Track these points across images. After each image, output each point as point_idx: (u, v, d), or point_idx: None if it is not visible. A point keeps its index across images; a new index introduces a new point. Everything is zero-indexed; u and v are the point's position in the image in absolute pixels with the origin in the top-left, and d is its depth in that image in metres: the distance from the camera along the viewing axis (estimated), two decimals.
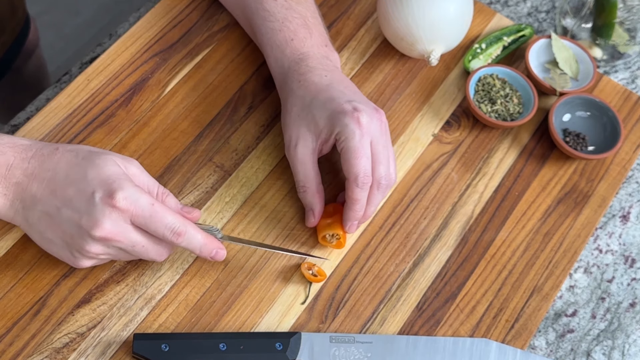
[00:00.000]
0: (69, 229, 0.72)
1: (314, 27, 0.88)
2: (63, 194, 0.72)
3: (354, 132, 0.78)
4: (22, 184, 0.74)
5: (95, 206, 0.71)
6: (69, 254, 0.74)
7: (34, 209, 0.74)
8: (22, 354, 0.75)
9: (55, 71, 1.67)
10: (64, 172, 0.73)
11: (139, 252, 0.74)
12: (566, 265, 0.86)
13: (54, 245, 0.75)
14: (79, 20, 2.05)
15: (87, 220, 0.71)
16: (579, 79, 0.96)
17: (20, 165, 0.74)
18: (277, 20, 0.87)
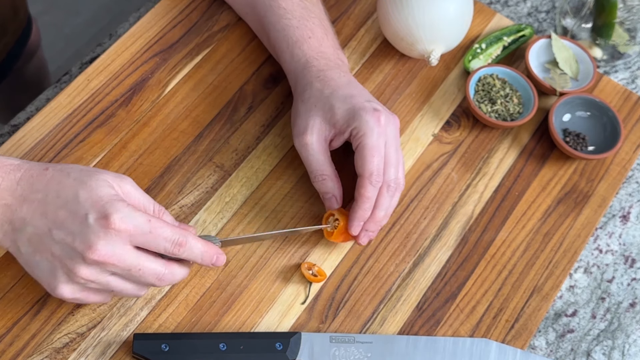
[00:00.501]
0: (59, 251, 0.69)
1: (328, 29, 0.89)
2: (54, 216, 0.70)
3: (373, 130, 0.79)
4: (11, 207, 0.71)
5: (90, 228, 0.68)
6: (52, 279, 0.71)
7: (24, 231, 0.71)
8: (22, 354, 0.75)
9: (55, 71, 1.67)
10: (54, 193, 0.71)
11: (134, 276, 0.71)
12: (566, 265, 0.86)
13: (39, 269, 0.71)
14: (79, 20, 2.05)
15: (80, 242, 0.68)
16: (579, 79, 0.96)
17: (9, 187, 0.72)
18: (294, 18, 0.88)
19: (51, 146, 0.86)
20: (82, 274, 0.69)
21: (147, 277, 0.71)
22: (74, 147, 0.86)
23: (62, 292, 0.70)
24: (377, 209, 0.80)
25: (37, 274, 0.72)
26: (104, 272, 0.70)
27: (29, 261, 0.71)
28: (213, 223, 0.84)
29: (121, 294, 0.72)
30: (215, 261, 0.74)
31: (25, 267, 0.73)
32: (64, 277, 0.70)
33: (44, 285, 0.71)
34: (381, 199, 0.80)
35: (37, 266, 0.71)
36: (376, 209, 0.80)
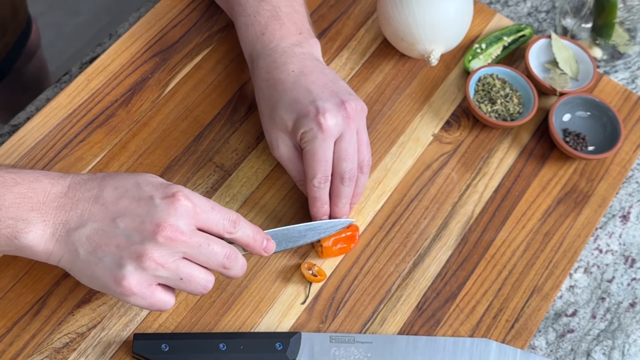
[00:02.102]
0: (125, 240, 0.68)
1: (286, 16, 0.85)
2: (115, 207, 0.69)
3: (315, 137, 0.78)
4: (64, 207, 0.70)
5: (157, 207, 0.68)
6: (118, 271, 0.68)
7: (82, 229, 0.69)
8: (22, 354, 0.75)
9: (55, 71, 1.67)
10: (111, 187, 0.70)
11: (204, 255, 0.70)
12: (566, 265, 0.86)
13: (101, 265, 0.69)
14: (79, 20, 2.05)
15: (149, 222, 0.68)
16: (579, 79, 0.96)
17: (60, 191, 0.71)
18: (247, 15, 0.86)
19: (51, 146, 0.86)
20: (153, 255, 0.68)
21: (217, 256, 0.71)
22: (74, 147, 0.86)
23: (129, 283, 0.68)
24: (337, 198, 0.81)
25: (98, 273, 0.69)
26: (175, 253, 0.69)
27: (89, 261, 0.69)
28: None
29: (190, 283, 0.70)
30: (266, 246, 0.75)
31: (81, 273, 0.70)
32: (133, 265, 0.68)
33: (109, 282, 0.69)
34: (339, 192, 0.80)
35: (99, 263, 0.69)
36: (336, 198, 0.81)
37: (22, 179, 0.70)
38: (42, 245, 0.70)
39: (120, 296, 0.69)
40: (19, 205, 0.69)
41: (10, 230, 0.69)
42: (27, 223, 0.69)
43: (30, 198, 0.70)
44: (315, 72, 0.82)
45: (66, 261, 0.70)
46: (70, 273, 0.71)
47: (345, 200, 0.82)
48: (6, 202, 0.69)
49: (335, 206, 0.82)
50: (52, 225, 0.70)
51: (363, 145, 0.81)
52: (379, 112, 0.93)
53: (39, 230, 0.69)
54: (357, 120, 0.80)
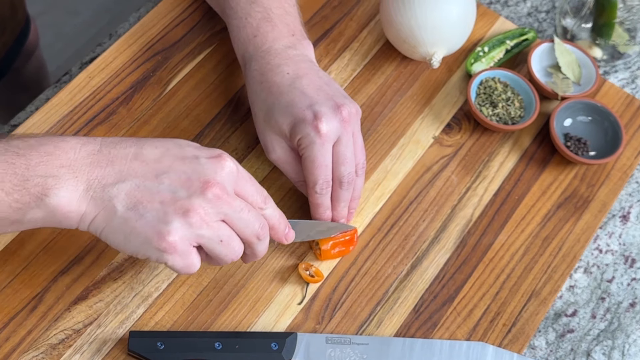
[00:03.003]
0: (170, 196, 0.66)
1: (278, 17, 0.85)
2: (158, 164, 0.67)
3: (314, 142, 0.78)
4: (99, 163, 0.67)
5: (203, 166, 0.68)
6: (163, 226, 0.66)
7: (121, 184, 0.67)
8: (17, 350, 0.75)
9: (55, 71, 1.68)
10: (150, 146, 0.69)
11: (243, 220, 0.69)
12: (565, 270, 0.86)
13: (143, 221, 0.66)
14: (79, 20, 2.05)
15: (197, 179, 0.67)
16: (582, 84, 0.96)
17: (90, 149, 0.68)
18: (239, 17, 0.85)
19: None
20: (200, 210, 0.67)
21: (254, 224, 0.70)
22: None
23: (174, 239, 0.66)
24: (336, 202, 0.81)
25: (139, 230, 0.67)
26: (218, 213, 0.68)
27: (129, 218, 0.67)
28: None
29: (226, 247, 0.69)
30: (288, 233, 0.75)
31: (116, 232, 0.68)
32: (179, 220, 0.66)
33: (152, 238, 0.67)
34: (338, 196, 0.81)
35: (140, 219, 0.66)
36: (335, 202, 0.81)
37: (48, 140, 0.68)
38: (74, 204, 0.67)
39: (160, 254, 0.67)
40: (47, 163, 0.66)
41: (39, 189, 0.66)
42: (57, 179, 0.66)
43: (58, 156, 0.67)
44: (310, 75, 0.81)
45: (101, 220, 0.68)
46: (101, 235, 0.69)
47: (344, 204, 0.82)
48: (32, 161, 0.66)
49: (334, 210, 0.82)
50: (85, 181, 0.67)
51: (358, 149, 0.81)
52: (380, 114, 0.93)
53: (70, 186, 0.66)
54: (353, 124, 0.80)
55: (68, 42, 2.01)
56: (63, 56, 1.95)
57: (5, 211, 0.67)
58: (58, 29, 2.03)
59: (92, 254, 0.80)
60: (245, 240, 0.71)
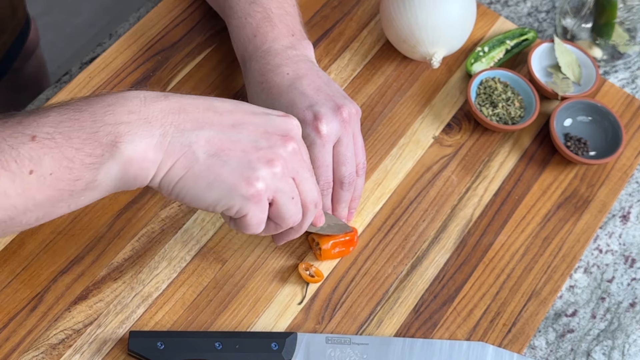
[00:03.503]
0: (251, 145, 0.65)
1: (277, 17, 0.84)
2: (232, 116, 0.66)
3: (314, 143, 0.78)
4: (170, 110, 0.64)
5: (276, 121, 0.68)
6: (249, 171, 0.65)
7: (200, 131, 0.64)
8: (18, 350, 0.75)
9: (55, 71, 1.68)
10: (219, 101, 0.67)
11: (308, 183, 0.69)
12: (565, 270, 0.86)
13: (227, 167, 0.64)
14: (79, 20, 2.05)
15: (275, 132, 0.66)
16: (582, 84, 0.96)
17: (156, 97, 0.65)
18: (239, 17, 0.85)
19: None
20: (282, 160, 0.66)
21: (314, 189, 0.70)
22: None
23: (261, 185, 0.65)
24: (337, 203, 0.81)
25: (225, 175, 0.64)
26: (293, 168, 0.67)
27: (212, 164, 0.64)
28: (212, 222, 0.84)
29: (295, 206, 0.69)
30: (320, 217, 0.75)
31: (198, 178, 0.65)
32: (264, 169, 0.65)
33: (239, 184, 0.65)
34: (338, 196, 0.81)
35: (224, 166, 0.64)
36: (336, 203, 0.81)
37: (106, 95, 0.65)
38: (151, 151, 0.63)
39: (244, 203, 0.65)
40: (114, 112, 0.63)
41: (111, 137, 0.62)
42: (129, 125, 0.63)
43: (124, 105, 0.63)
44: (310, 75, 0.81)
45: (179, 168, 0.64)
46: (175, 187, 0.65)
47: (344, 204, 0.82)
48: (97, 113, 0.63)
49: (334, 210, 0.82)
50: (159, 126, 0.63)
51: (359, 149, 0.81)
52: (380, 114, 0.93)
53: (145, 132, 0.63)
54: (353, 124, 0.80)
55: (68, 42, 2.01)
56: (63, 56, 1.95)
57: (78, 170, 0.62)
58: (58, 29, 2.02)
59: (92, 254, 0.80)
60: (304, 205, 0.70)
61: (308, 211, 0.72)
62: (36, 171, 0.61)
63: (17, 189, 0.61)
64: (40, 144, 0.62)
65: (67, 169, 0.62)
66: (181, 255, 0.82)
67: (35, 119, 0.63)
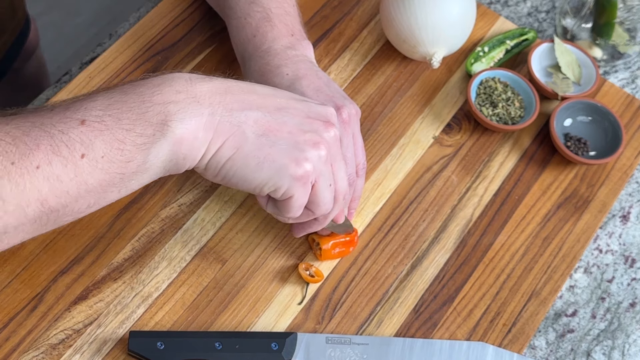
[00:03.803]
0: (297, 128, 0.66)
1: (277, 17, 0.84)
2: (274, 100, 0.67)
3: None
4: (217, 91, 0.64)
5: (317, 108, 0.69)
6: (298, 152, 0.66)
7: (248, 112, 0.65)
8: (18, 350, 0.75)
9: (55, 71, 1.68)
10: (259, 86, 0.68)
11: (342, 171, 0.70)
12: (565, 270, 0.86)
13: (277, 148, 0.65)
14: (79, 20, 2.05)
15: (317, 117, 0.67)
16: (582, 84, 0.96)
17: (201, 77, 0.65)
18: (238, 17, 0.85)
19: None
20: (327, 144, 0.67)
21: (345, 180, 0.71)
22: None
23: (310, 166, 0.66)
24: None
25: (275, 155, 0.65)
26: (333, 155, 0.68)
27: (262, 144, 0.65)
28: (212, 222, 0.84)
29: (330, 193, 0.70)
30: (342, 211, 0.76)
31: (248, 157, 0.65)
32: (311, 151, 0.66)
33: (289, 164, 0.65)
34: None
35: (274, 146, 0.65)
36: None
37: (152, 75, 0.65)
38: (201, 129, 0.63)
39: (292, 183, 0.66)
40: (162, 92, 0.63)
41: (162, 117, 0.62)
42: (178, 104, 0.63)
43: (171, 85, 0.64)
44: (310, 76, 0.81)
45: (229, 147, 0.65)
46: (224, 167, 0.66)
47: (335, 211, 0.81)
48: (146, 93, 0.63)
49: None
50: (208, 105, 0.64)
51: (359, 149, 0.81)
52: (380, 114, 0.93)
53: (194, 110, 0.63)
54: (353, 125, 0.79)
55: (68, 42, 2.01)
56: (63, 56, 1.95)
57: (129, 151, 0.63)
58: (58, 29, 2.02)
59: (92, 254, 0.80)
60: (336, 194, 0.71)
61: (337, 202, 0.72)
62: (87, 155, 0.62)
63: (69, 174, 0.61)
64: (91, 127, 0.62)
65: (119, 151, 0.62)
66: (181, 255, 0.82)
67: (83, 103, 0.63)
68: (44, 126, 0.62)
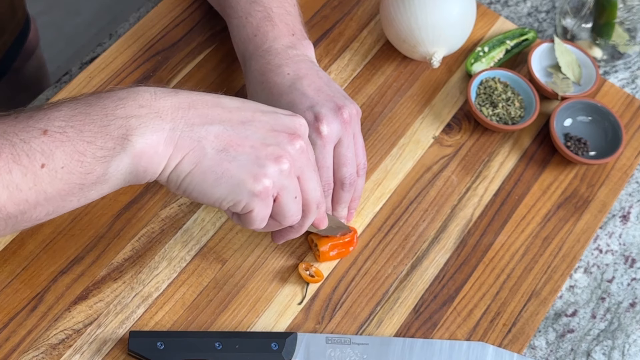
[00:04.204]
0: (260, 141, 0.66)
1: (278, 17, 0.84)
2: (240, 113, 0.67)
3: (315, 144, 0.77)
4: (180, 106, 0.64)
5: (284, 119, 0.68)
6: (257, 168, 0.65)
7: (209, 126, 0.65)
8: (18, 350, 0.75)
9: (55, 71, 1.68)
10: (227, 98, 0.68)
11: (313, 182, 0.70)
12: (565, 270, 0.86)
13: (236, 163, 0.65)
14: (79, 20, 2.05)
15: (282, 130, 0.67)
16: (582, 84, 0.96)
17: (166, 92, 0.65)
18: (239, 17, 0.85)
19: None
20: (289, 158, 0.67)
21: (318, 189, 0.71)
22: None
23: (269, 182, 0.66)
24: (337, 204, 0.81)
25: (233, 171, 0.65)
26: (299, 167, 0.68)
27: (221, 159, 0.65)
28: (212, 222, 0.84)
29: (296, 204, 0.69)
30: (323, 219, 0.76)
31: (206, 173, 0.65)
32: (272, 165, 0.66)
33: (247, 179, 0.65)
34: (339, 197, 0.80)
35: (233, 161, 0.65)
36: (336, 203, 0.81)
37: (116, 89, 0.66)
38: (161, 144, 0.64)
39: (251, 199, 0.66)
40: (125, 105, 0.64)
41: (123, 131, 0.63)
42: (140, 119, 0.63)
43: (135, 99, 0.64)
44: (310, 75, 0.81)
45: (188, 162, 0.65)
46: (184, 182, 0.66)
47: (344, 205, 0.82)
48: (109, 106, 0.63)
49: (334, 210, 0.82)
50: (170, 120, 0.64)
51: (359, 149, 0.81)
52: (380, 114, 0.93)
53: (155, 125, 0.64)
54: (353, 125, 0.80)
55: (68, 42, 2.01)
56: (63, 56, 1.95)
57: (89, 163, 0.63)
58: (58, 29, 2.02)
59: (92, 254, 0.80)
60: (306, 205, 0.71)
61: (310, 211, 0.72)
62: (48, 165, 0.62)
63: (28, 183, 0.62)
64: (52, 137, 0.62)
65: (79, 162, 0.63)
66: (181, 255, 0.82)
67: (47, 113, 0.64)
68: (7, 134, 0.62)
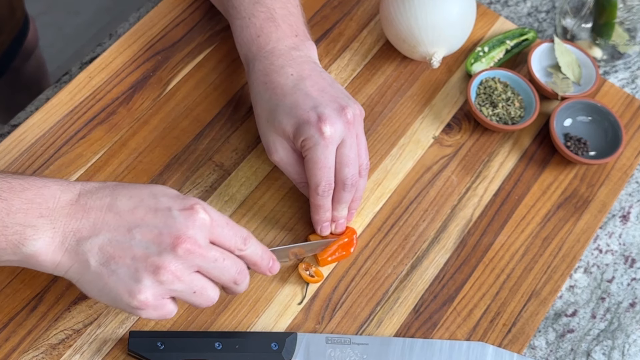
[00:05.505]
0: (142, 251, 0.67)
1: (281, 18, 0.85)
2: (131, 216, 0.68)
3: (318, 143, 0.77)
4: (75, 215, 0.68)
5: (175, 219, 0.68)
6: (133, 284, 0.67)
7: (94, 239, 0.68)
8: (17, 350, 0.75)
9: (55, 71, 1.68)
10: (125, 196, 0.69)
11: (219, 269, 0.70)
12: (565, 270, 0.86)
13: (115, 277, 0.67)
14: (79, 20, 2.05)
15: (168, 234, 0.67)
16: (582, 84, 0.96)
17: (70, 199, 0.69)
18: (242, 17, 0.85)
19: (51, 142, 0.86)
20: (171, 268, 0.67)
21: (230, 271, 0.71)
22: (75, 144, 0.86)
23: (146, 297, 0.67)
24: (338, 204, 0.81)
25: (111, 285, 0.68)
26: (191, 266, 0.68)
27: (101, 273, 0.68)
28: None
29: (201, 296, 0.70)
30: (272, 266, 0.75)
31: (90, 285, 0.69)
32: (150, 278, 0.67)
33: (122, 295, 0.68)
34: (339, 198, 0.80)
35: (112, 275, 0.67)
36: (337, 203, 0.81)
37: (30, 184, 0.69)
38: (50, 255, 0.68)
39: (132, 310, 0.68)
40: (27, 211, 0.67)
41: (17, 237, 0.67)
42: (35, 230, 0.67)
43: (39, 204, 0.68)
44: (314, 76, 0.81)
45: (75, 272, 0.69)
46: (77, 285, 0.70)
47: (344, 205, 0.82)
48: (14, 207, 0.67)
49: (334, 210, 0.82)
50: (61, 233, 0.68)
51: (362, 150, 0.81)
52: (380, 114, 0.93)
53: (47, 238, 0.67)
54: (356, 126, 0.80)
55: (68, 42, 2.01)
56: (63, 56, 1.95)
57: None
58: (58, 29, 2.02)
59: None
60: (223, 285, 0.72)
61: (229, 288, 0.73)
62: None
63: None
64: None
65: None
66: None
67: None
68: None
